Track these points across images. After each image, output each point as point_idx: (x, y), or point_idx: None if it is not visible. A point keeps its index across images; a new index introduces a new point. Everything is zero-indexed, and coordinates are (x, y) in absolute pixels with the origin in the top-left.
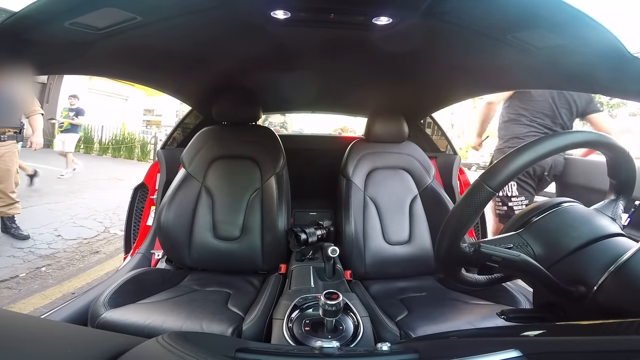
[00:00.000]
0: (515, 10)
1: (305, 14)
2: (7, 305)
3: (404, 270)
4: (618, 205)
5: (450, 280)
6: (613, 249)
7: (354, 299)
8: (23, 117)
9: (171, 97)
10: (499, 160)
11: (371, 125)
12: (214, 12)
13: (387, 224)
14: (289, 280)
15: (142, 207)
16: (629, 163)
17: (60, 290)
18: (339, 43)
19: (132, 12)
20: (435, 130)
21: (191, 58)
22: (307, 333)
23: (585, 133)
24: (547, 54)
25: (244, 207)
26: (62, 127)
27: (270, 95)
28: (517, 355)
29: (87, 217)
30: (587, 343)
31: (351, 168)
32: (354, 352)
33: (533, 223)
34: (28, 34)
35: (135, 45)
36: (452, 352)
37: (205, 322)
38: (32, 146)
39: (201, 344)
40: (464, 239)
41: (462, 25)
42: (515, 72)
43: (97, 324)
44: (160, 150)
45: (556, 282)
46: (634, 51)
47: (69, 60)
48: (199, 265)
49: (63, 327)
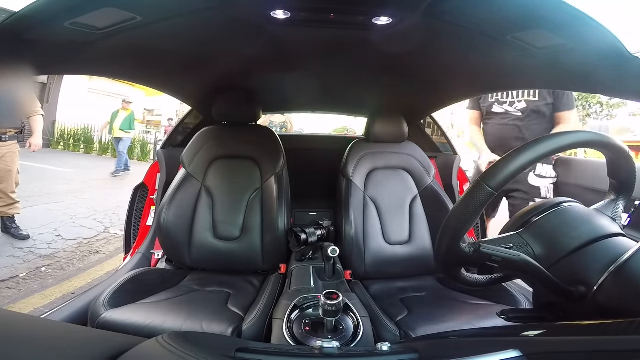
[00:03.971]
0: (515, 10)
1: (305, 14)
2: (7, 305)
3: (404, 270)
4: (618, 205)
5: (450, 280)
6: (613, 249)
7: (354, 299)
8: (24, 117)
9: (171, 97)
10: (499, 160)
11: (371, 125)
12: (214, 12)
13: (387, 224)
14: (289, 280)
15: (142, 207)
16: (629, 163)
17: (60, 290)
18: (339, 43)
19: (132, 12)
20: (435, 130)
21: (191, 58)
22: (307, 333)
23: (586, 133)
24: (547, 54)
25: (244, 207)
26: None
27: (270, 95)
28: (517, 355)
29: (87, 217)
30: (587, 343)
31: (351, 168)
32: (354, 352)
33: (533, 223)
34: (28, 34)
35: (135, 45)
36: (452, 352)
37: (205, 322)
38: (31, 147)
39: (201, 344)
40: (464, 239)
41: (462, 26)
42: (515, 72)
43: (97, 324)
44: (160, 150)
45: (556, 282)
46: (634, 51)
47: (69, 60)
48: (199, 265)
49: (63, 327)
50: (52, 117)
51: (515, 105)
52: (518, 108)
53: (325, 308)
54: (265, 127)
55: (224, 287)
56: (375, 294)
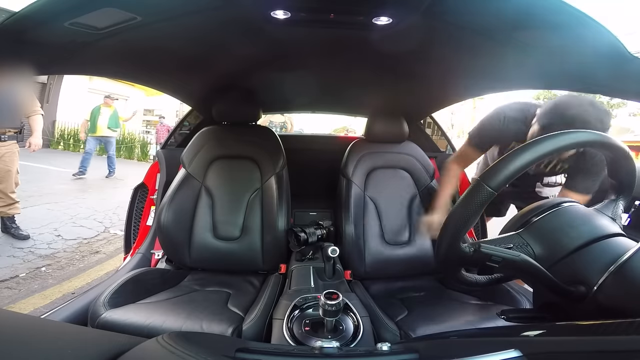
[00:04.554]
0: (515, 11)
1: (305, 14)
2: (7, 305)
3: (403, 270)
4: (618, 205)
5: (450, 280)
6: (613, 249)
7: (354, 299)
8: (23, 117)
9: (171, 97)
10: (499, 160)
11: (371, 125)
12: (213, 12)
13: (387, 224)
14: (289, 280)
15: (142, 207)
16: (629, 163)
17: (60, 290)
18: (339, 43)
19: (132, 12)
20: (435, 130)
21: (191, 58)
22: (307, 333)
23: (586, 133)
24: (547, 54)
25: (243, 207)
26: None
27: (270, 95)
28: (517, 355)
29: (87, 217)
30: (587, 343)
31: (351, 168)
32: (354, 352)
33: (533, 223)
34: (28, 34)
35: (135, 45)
36: (452, 352)
37: (205, 322)
38: (31, 147)
39: (201, 344)
40: (464, 239)
41: (462, 26)
42: (515, 72)
43: (97, 324)
44: (160, 150)
45: (556, 282)
46: (634, 51)
47: (69, 60)
48: (199, 265)
49: (63, 327)
50: (52, 117)
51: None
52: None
53: (325, 308)
54: (265, 127)
55: (224, 287)
56: (375, 294)
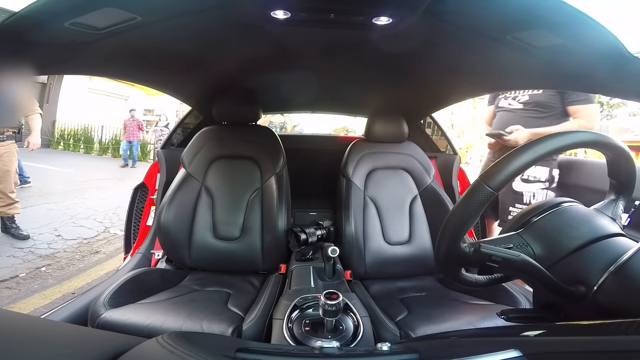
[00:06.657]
0: (515, 11)
1: (305, 14)
2: (7, 305)
3: (404, 270)
4: (618, 205)
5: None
6: (613, 249)
7: (354, 299)
8: (21, 116)
9: (171, 97)
10: (499, 160)
11: (371, 125)
12: (214, 12)
13: (387, 224)
14: (289, 280)
15: (142, 207)
16: (629, 163)
17: (60, 290)
18: (339, 43)
19: (132, 12)
20: (435, 130)
21: (191, 58)
22: (307, 333)
23: (586, 133)
24: (547, 54)
25: (243, 207)
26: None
27: (270, 95)
28: (517, 355)
29: (87, 217)
30: (587, 343)
31: (351, 168)
32: (354, 352)
33: (533, 223)
34: (28, 34)
35: (135, 45)
36: (452, 352)
37: (205, 322)
38: (29, 146)
39: (201, 344)
40: (464, 239)
41: (462, 26)
42: (515, 72)
43: (97, 324)
44: (160, 150)
45: (556, 282)
46: (634, 51)
47: (69, 60)
48: (199, 265)
49: (63, 327)
50: (52, 117)
51: (518, 99)
52: (520, 101)
53: (325, 308)
54: (265, 127)
55: (224, 287)
56: (375, 294)
